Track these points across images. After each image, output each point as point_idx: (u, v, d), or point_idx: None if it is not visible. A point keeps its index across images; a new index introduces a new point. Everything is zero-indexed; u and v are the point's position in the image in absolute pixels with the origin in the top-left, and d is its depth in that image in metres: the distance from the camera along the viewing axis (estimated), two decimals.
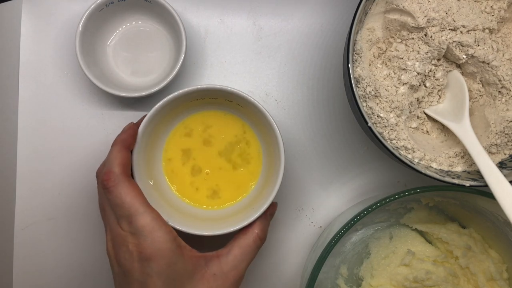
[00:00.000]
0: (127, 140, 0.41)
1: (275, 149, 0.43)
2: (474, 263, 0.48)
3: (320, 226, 0.53)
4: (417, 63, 0.44)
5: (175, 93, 0.42)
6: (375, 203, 0.42)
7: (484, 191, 0.42)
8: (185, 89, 0.42)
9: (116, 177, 0.38)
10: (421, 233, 0.51)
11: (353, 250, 0.51)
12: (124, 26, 0.50)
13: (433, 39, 0.43)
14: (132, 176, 0.42)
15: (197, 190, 0.47)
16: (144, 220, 0.37)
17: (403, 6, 0.43)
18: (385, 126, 0.44)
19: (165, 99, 0.42)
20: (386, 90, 0.44)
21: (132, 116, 0.51)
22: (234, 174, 0.47)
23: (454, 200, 0.47)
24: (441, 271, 0.48)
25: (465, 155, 0.45)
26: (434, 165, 0.45)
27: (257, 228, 0.42)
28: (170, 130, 0.47)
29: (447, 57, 0.46)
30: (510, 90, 0.44)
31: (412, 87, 0.44)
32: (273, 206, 0.44)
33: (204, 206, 0.47)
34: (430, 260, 0.49)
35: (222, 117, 0.47)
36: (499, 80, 0.44)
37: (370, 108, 0.44)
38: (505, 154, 0.45)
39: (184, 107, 0.45)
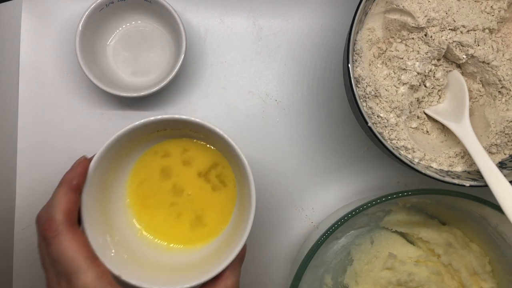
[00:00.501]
0: (75, 179, 0.35)
1: (246, 187, 0.38)
2: (456, 259, 0.48)
3: None
4: (417, 63, 0.44)
5: (132, 126, 0.36)
6: (351, 212, 0.41)
7: (458, 192, 0.42)
8: (144, 120, 0.36)
9: (57, 227, 0.33)
10: (402, 234, 0.51)
11: (335, 259, 0.51)
12: (124, 26, 0.50)
13: (433, 39, 0.43)
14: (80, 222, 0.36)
15: (179, 217, 0.41)
16: (85, 279, 0.32)
17: (403, 6, 0.43)
18: (385, 126, 0.44)
19: (119, 133, 0.36)
20: (386, 90, 0.44)
21: (132, 116, 0.52)
22: (214, 196, 0.42)
23: (430, 200, 0.47)
24: (424, 271, 0.48)
25: (465, 155, 0.45)
26: (434, 165, 0.45)
27: (229, 279, 0.36)
28: (136, 157, 0.41)
29: (447, 57, 0.46)
30: (510, 90, 0.44)
31: (412, 87, 0.44)
32: (242, 250, 0.37)
33: (181, 246, 0.41)
34: (413, 261, 0.49)
35: (195, 143, 0.42)
36: (499, 80, 0.44)
37: (370, 108, 0.44)
38: (505, 154, 0.45)
39: (148, 138, 0.40)
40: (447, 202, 0.47)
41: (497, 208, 0.42)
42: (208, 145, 0.42)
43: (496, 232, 0.45)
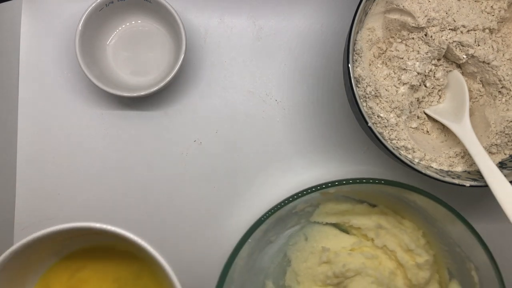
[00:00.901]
0: None
1: None
2: (390, 239, 0.47)
3: None
4: (417, 63, 0.44)
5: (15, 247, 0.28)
6: (264, 215, 0.41)
7: (370, 179, 0.42)
8: (36, 235, 0.28)
9: None
10: (335, 225, 0.50)
11: (273, 263, 0.50)
12: (124, 26, 0.50)
13: (433, 39, 0.43)
14: None
15: None
16: None
17: (403, 6, 0.43)
18: (385, 126, 0.44)
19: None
20: (386, 90, 0.44)
21: (132, 115, 0.51)
22: None
23: (347, 188, 0.46)
24: (358, 258, 0.47)
25: (465, 155, 0.45)
26: (434, 165, 0.45)
27: None
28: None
29: (447, 57, 0.46)
30: (510, 90, 0.44)
31: (412, 87, 0.44)
32: None
33: None
34: (347, 250, 0.48)
35: (104, 251, 0.33)
36: (499, 80, 0.44)
37: (370, 108, 0.44)
38: (505, 154, 0.45)
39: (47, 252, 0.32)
40: (368, 188, 0.46)
41: (404, 186, 0.41)
42: (122, 252, 0.33)
43: (417, 206, 0.45)
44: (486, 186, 0.40)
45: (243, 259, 0.43)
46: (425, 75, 0.45)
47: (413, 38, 0.44)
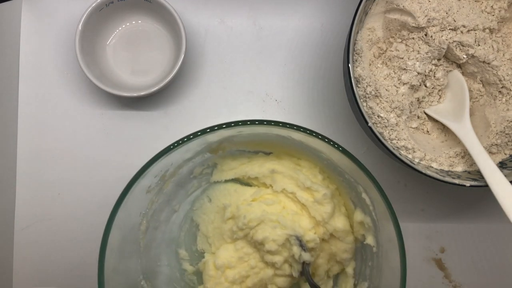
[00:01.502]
0: None
1: None
2: (287, 182, 0.47)
3: None
4: (417, 63, 0.44)
5: None
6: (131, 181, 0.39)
7: (244, 121, 0.40)
8: None
9: None
10: (236, 180, 0.50)
11: (182, 231, 0.50)
12: (124, 26, 0.50)
13: (434, 39, 0.43)
14: None
15: None
16: None
17: (403, 6, 0.43)
18: (386, 126, 0.44)
19: None
20: (386, 90, 0.44)
21: (131, 115, 0.51)
22: None
23: (228, 142, 0.46)
24: (259, 207, 0.47)
25: (466, 155, 0.45)
26: (434, 165, 0.45)
27: None
28: None
29: (448, 57, 0.46)
30: (511, 90, 0.44)
31: (412, 87, 0.44)
32: None
33: None
34: (248, 202, 0.48)
35: None
36: (500, 80, 0.44)
37: (371, 108, 0.44)
38: (505, 154, 0.45)
39: None
40: (253, 134, 0.45)
41: (283, 124, 0.40)
42: None
43: (304, 144, 0.44)
44: (486, 186, 0.40)
45: (143, 233, 0.44)
46: (425, 75, 0.45)
47: (413, 38, 0.44)
